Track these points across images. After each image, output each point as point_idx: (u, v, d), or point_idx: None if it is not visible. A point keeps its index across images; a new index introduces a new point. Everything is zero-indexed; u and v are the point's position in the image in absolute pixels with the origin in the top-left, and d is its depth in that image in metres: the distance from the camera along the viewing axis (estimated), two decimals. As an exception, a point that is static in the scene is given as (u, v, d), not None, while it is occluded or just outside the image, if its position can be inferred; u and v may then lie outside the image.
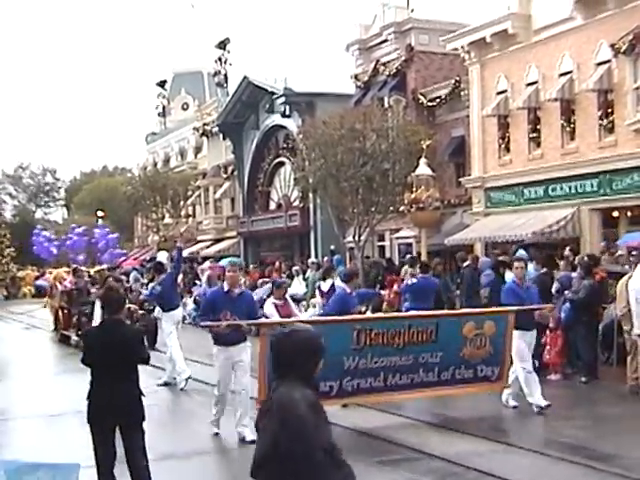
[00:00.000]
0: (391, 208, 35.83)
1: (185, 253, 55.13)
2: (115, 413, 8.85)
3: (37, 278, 70.88)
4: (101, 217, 54.35)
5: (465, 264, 25.46)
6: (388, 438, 12.98)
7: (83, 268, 35.78)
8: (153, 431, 11.52)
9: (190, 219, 65.63)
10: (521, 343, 14.70)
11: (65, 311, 25.59)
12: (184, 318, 26.15)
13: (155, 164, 71.14)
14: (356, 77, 43.79)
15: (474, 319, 14.11)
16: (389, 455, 12.14)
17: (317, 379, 10.32)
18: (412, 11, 41.21)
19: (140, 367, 9.66)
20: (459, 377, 13.82)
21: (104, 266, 36.79)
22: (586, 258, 21.20)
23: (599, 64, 29.85)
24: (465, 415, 14.71)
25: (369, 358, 12.85)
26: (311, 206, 47.18)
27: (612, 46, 28.53)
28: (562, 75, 31.36)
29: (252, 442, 10.32)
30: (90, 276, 31.26)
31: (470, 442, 12.76)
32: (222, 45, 63.88)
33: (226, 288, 13.63)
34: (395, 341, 13.02)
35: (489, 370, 14.12)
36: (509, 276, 21.74)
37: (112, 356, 8.93)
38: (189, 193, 63.69)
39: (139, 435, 9.10)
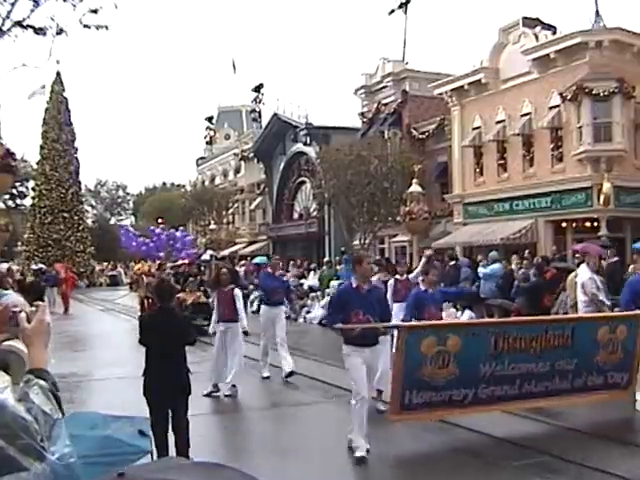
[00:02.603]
0: (390, 218, 36.02)
1: (226, 252, 56.36)
2: (166, 387, 8.65)
3: (112, 269, 72.36)
4: (161, 224, 54.77)
5: (451, 263, 25.96)
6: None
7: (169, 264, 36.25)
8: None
9: (230, 225, 66.22)
10: None
11: (150, 300, 25.91)
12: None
13: (203, 182, 71.30)
14: (362, 115, 44.14)
15: (608, 323, 11.30)
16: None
17: (450, 388, 9.77)
18: (407, 64, 41.67)
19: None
20: (590, 384, 11.05)
21: (185, 261, 37.01)
22: (540, 259, 22.11)
23: (551, 108, 30.63)
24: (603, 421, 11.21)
25: (506, 364, 10.15)
26: (326, 216, 47.45)
27: (561, 94, 29.49)
28: (523, 115, 32.05)
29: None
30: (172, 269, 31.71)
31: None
32: (257, 89, 65.04)
33: (355, 283, 10.03)
34: (532, 346, 10.30)
35: (619, 376, 11.31)
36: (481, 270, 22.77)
37: (163, 339, 8.76)
38: (230, 205, 64.08)
39: (184, 405, 8.87)
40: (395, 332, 10.77)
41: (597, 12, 30.63)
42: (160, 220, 56.78)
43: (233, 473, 2.49)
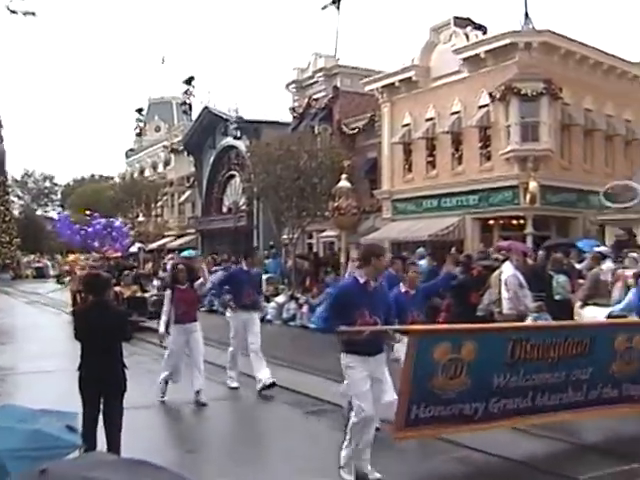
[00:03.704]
0: (318, 213, 35.48)
1: (154, 245, 55.53)
2: (100, 383, 8.32)
3: (38, 261, 70.79)
4: (89, 215, 53.67)
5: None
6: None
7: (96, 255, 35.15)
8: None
9: (159, 218, 65.39)
10: None
11: (82, 294, 24.68)
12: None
13: (132, 174, 70.56)
14: (293, 109, 43.80)
15: (627, 331, 10.16)
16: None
17: (461, 401, 8.46)
18: (338, 59, 41.51)
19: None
20: (605, 397, 9.92)
21: (118, 254, 35.98)
22: (464, 257, 21.93)
23: (480, 107, 30.63)
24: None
25: (520, 375, 8.92)
26: (255, 210, 47.03)
27: (490, 94, 29.50)
28: (453, 114, 31.99)
29: None
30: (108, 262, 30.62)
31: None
32: (188, 81, 64.29)
33: (362, 279, 8.37)
34: (550, 355, 9.10)
35: (634, 389, 10.19)
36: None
37: (98, 333, 8.35)
38: (159, 198, 63.55)
39: (118, 402, 8.46)
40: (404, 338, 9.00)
41: (527, 14, 30.74)
42: (88, 212, 55.68)
43: (157, 470, 2.56)
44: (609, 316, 15.65)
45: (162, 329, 13.25)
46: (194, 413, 12.30)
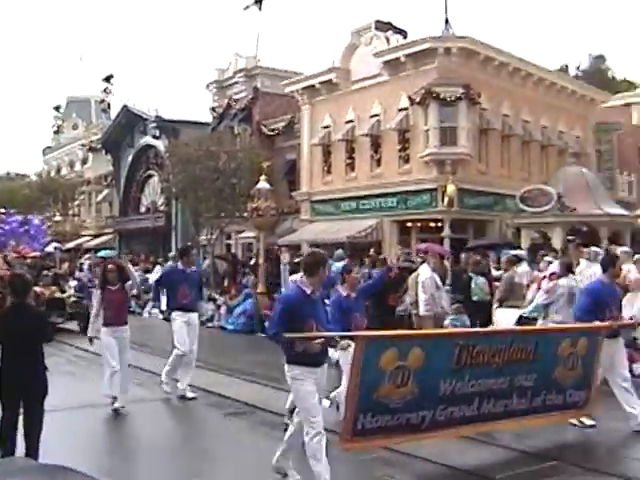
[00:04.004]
0: (237, 214, 35.29)
1: (71, 244, 54.40)
2: (21, 387, 8.05)
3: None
4: (3, 213, 52.23)
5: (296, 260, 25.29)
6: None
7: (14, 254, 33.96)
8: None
9: (76, 218, 64.17)
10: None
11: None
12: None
13: (49, 172, 69.24)
14: (213, 109, 43.47)
15: (571, 336, 9.95)
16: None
17: (407, 410, 8.13)
18: (259, 60, 41.35)
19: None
20: (549, 403, 9.73)
21: (37, 253, 34.88)
22: (381, 259, 21.85)
23: (400, 110, 30.71)
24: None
25: (466, 381, 8.65)
26: (173, 210, 46.41)
27: (409, 97, 29.59)
28: (372, 117, 32.05)
29: None
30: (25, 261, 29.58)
31: None
32: (107, 79, 63.07)
33: (308, 290, 7.88)
34: (495, 360, 8.87)
35: (577, 395, 10.03)
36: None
37: (18, 336, 8.10)
38: (76, 197, 62.41)
39: (38, 406, 8.20)
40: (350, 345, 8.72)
41: (447, 20, 31.04)
42: (2, 211, 54.23)
43: (78, 476, 2.49)
44: (520, 318, 15.85)
45: (92, 332, 12.58)
46: (113, 417, 11.80)
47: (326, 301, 9.79)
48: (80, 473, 2.52)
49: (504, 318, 16.63)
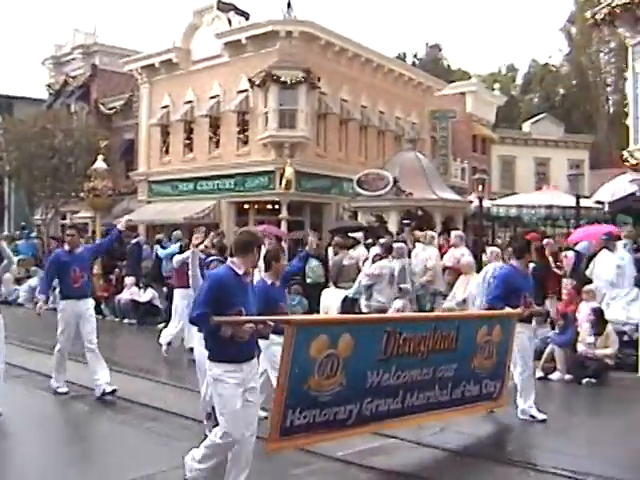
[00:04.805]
0: (73, 194, 34.62)
1: None
2: None
3: None
4: None
5: (134, 241, 24.67)
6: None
7: None
8: None
9: None
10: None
11: None
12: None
13: None
14: (49, 86, 41.96)
15: (487, 322, 9.38)
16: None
17: (335, 403, 7.34)
18: (97, 37, 40.26)
19: None
20: (468, 395, 9.11)
21: None
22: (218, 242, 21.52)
23: (239, 92, 30.47)
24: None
25: (392, 372, 7.93)
26: (6, 190, 44.27)
27: (249, 80, 29.38)
28: (212, 98, 31.69)
29: None
30: None
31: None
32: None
33: (241, 270, 6.77)
34: (420, 349, 8.21)
35: (492, 385, 9.48)
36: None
37: None
38: None
39: None
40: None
41: (289, 4, 30.95)
42: None
43: None
44: (345, 298, 16.30)
45: None
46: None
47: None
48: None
49: (330, 298, 16.88)
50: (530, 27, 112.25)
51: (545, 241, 16.55)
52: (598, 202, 25.00)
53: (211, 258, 9.40)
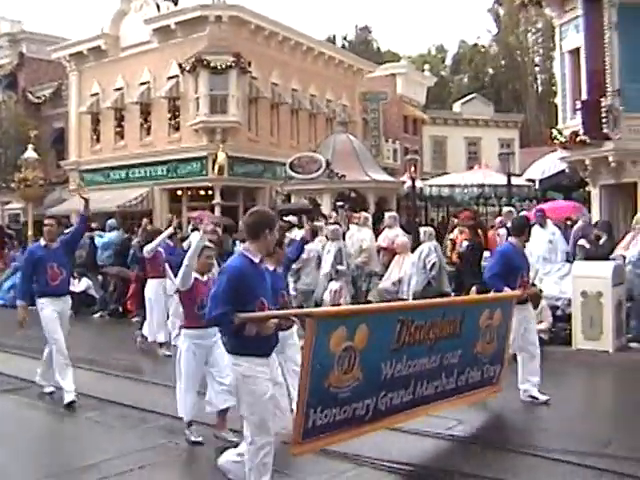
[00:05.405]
0: (4, 184, 34.19)
1: None
2: None
3: None
4: None
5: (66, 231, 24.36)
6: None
7: None
8: None
9: None
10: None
11: None
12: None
13: None
14: (-25, 76, 41.37)
15: (489, 306, 9.04)
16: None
17: (354, 399, 6.84)
18: (23, 25, 39.63)
19: None
20: (471, 381, 8.77)
21: None
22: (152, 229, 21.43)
23: (170, 78, 30.34)
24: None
25: (404, 362, 7.51)
26: None
27: (180, 65, 29.20)
28: (142, 84, 31.48)
29: None
30: None
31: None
32: None
33: (256, 258, 6.22)
34: (429, 337, 7.80)
35: (492, 370, 9.19)
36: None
37: None
38: None
39: None
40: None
41: (216, -12, 30.71)
42: None
43: None
44: None
45: None
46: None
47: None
48: None
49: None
50: (458, 8, 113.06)
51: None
52: (529, 180, 25.42)
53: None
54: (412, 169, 24.26)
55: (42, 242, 10.49)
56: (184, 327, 8.22)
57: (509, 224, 15.87)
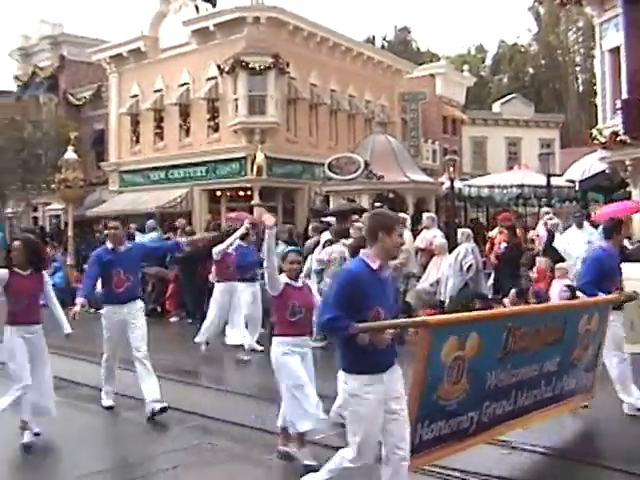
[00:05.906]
0: (44, 186, 34.28)
1: None
2: None
3: None
4: None
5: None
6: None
7: None
8: None
9: None
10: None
11: None
12: None
13: None
14: (17, 78, 41.50)
15: (588, 311, 8.48)
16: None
17: (460, 412, 6.58)
18: (64, 28, 39.99)
19: None
20: (567, 389, 8.29)
21: None
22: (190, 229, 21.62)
23: (209, 79, 30.45)
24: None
25: (508, 371, 7.16)
26: (-25, 182, 44.57)
27: (218, 66, 29.36)
28: (181, 85, 31.62)
29: None
30: None
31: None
32: None
33: (375, 264, 5.70)
34: (533, 344, 7.38)
35: (586, 377, 8.71)
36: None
37: None
38: None
39: None
40: None
41: (256, -10, 30.81)
42: None
43: None
44: None
45: None
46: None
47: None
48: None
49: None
50: (498, 7, 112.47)
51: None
52: (569, 181, 25.17)
53: None
54: (451, 169, 24.21)
55: (109, 245, 9.85)
56: (276, 335, 7.64)
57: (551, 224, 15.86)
